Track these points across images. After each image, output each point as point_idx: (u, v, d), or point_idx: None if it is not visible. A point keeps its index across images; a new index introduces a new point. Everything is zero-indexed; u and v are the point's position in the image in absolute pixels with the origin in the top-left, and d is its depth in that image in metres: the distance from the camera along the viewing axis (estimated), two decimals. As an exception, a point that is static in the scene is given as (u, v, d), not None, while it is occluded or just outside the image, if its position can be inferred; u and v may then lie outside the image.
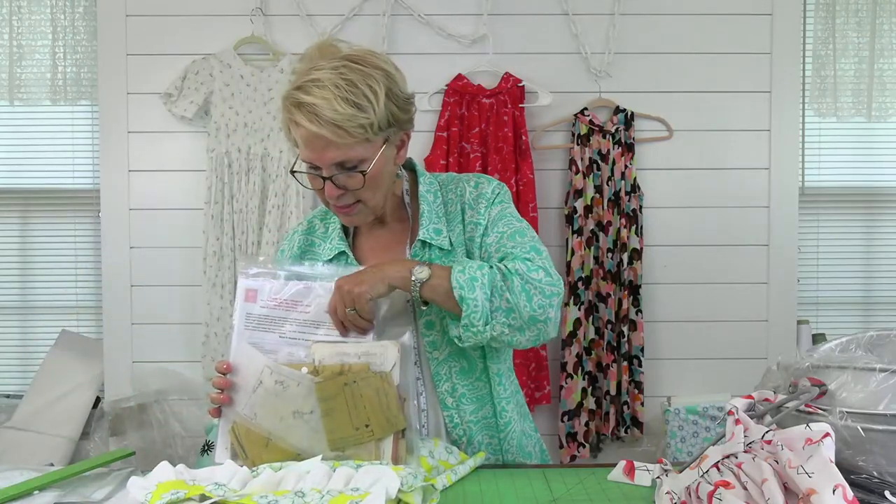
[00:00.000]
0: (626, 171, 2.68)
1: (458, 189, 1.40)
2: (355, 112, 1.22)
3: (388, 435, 1.14)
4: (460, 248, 1.35)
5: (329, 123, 1.21)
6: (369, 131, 1.24)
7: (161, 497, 1.01)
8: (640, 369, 2.67)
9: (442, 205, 1.39)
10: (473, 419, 1.35)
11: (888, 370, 0.96)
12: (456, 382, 1.34)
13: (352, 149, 1.24)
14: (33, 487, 1.15)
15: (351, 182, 1.28)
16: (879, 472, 0.94)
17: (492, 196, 1.37)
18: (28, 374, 2.90)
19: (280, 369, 1.17)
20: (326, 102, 1.21)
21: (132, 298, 2.72)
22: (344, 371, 1.15)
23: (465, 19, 2.71)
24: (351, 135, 1.22)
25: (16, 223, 2.99)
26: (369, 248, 1.42)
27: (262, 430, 1.17)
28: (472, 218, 1.36)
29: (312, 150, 1.25)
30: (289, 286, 1.23)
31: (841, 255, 3.01)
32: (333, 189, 1.28)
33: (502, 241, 1.33)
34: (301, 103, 1.23)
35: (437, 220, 1.36)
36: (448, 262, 1.32)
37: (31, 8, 2.86)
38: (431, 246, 1.35)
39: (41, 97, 2.88)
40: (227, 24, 2.68)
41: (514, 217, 1.37)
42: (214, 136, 2.63)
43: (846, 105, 2.89)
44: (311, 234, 1.47)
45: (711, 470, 0.94)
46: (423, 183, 1.41)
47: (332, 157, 1.24)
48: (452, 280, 1.20)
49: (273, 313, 1.21)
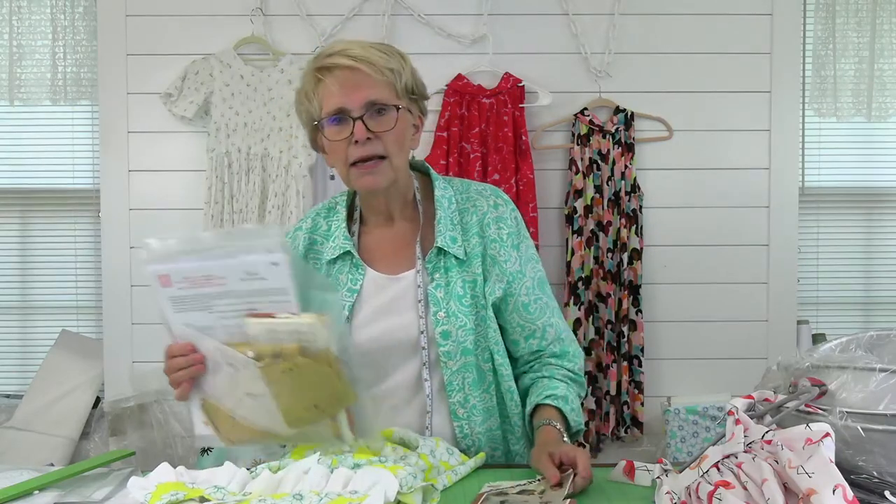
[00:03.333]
0: (626, 171, 2.68)
1: (476, 202, 1.39)
2: (386, 56, 1.29)
3: (340, 411, 1.10)
4: (476, 261, 1.34)
5: (362, 59, 1.26)
6: (398, 80, 1.29)
7: (160, 498, 1.01)
8: (640, 369, 2.67)
9: (457, 213, 1.37)
10: (482, 430, 1.34)
11: (888, 370, 0.96)
12: (468, 394, 1.32)
13: (382, 89, 1.28)
14: (33, 487, 1.15)
15: (382, 123, 1.28)
16: (879, 472, 0.94)
17: (514, 224, 1.39)
18: (28, 374, 2.90)
19: (226, 351, 1.12)
20: (359, 47, 1.28)
21: (132, 298, 2.72)
22: (281, 354, 1.09)
23: (465, 19, 2.71)
24: (382, 73, 1.27)
25: (16, 223, 2.99)
26: (376, 248, 1.39)
27: (226, 409, 1.15)
28: (493, 236, 1.36)
29: (344, 88, 1.26)
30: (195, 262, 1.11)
31: (841, 255, 3.01)
32: (364, 131, 1.26)
33: (533, 289, 1.38)
34: (330, 54, 1.28)
35: (452, 228, 1.35)
36: (463, 272, 1.33)
37: (31, 8, 2.86)
38: (447, 254, 1.34)
39: (41, 97, 2.88)
40: (227, 24, 2.68)
41: (535, 254, 1.42)
42: (214, 136, 2.62)
43: (846, 105, 2.89)
44: (314, 231, 1.43)
45: (711, 470, 0.94)
46: (438, 187, 1.39)
47: (365, 95, 1.26)
48: (572, 424, 1.33)
49: (193, 292, 1.12)
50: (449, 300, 1.31)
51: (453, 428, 1.33)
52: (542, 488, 1.09)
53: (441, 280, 1.32)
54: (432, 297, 1.31)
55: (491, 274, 1.34)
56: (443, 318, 1.30)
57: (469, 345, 1.31)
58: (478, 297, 1.33)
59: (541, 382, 1.36)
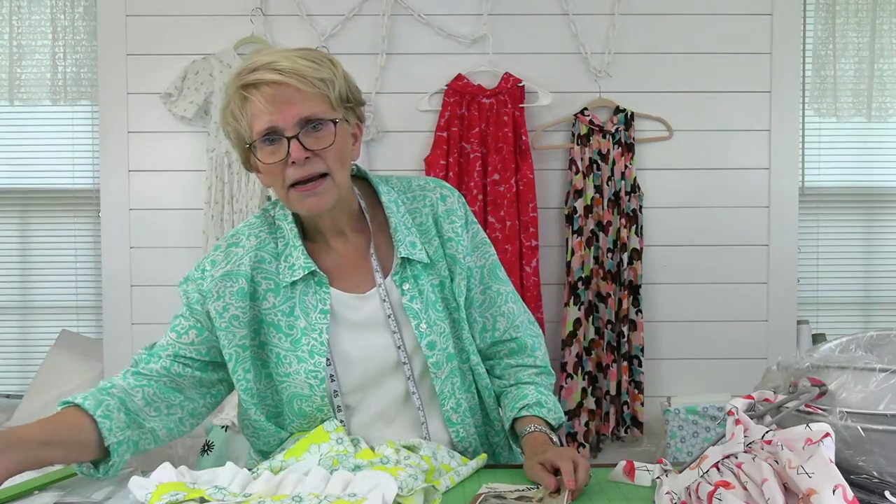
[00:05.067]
0: (626, 171, 2.68)
1: (424, 199, 1.33)
2: (316, 66, 1.19)
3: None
4: (440, 263, 1.30)
5: (291, 72, 1.17)
6: (331, 90, 1.20)
7: (160, 498, 1.01)
8: (640, 369, 2.67)
9: (408, 214, 1.31)
10: (474, 431, 1.34)
11: (888, 370, 0.96)
12: (459, 398, 1.30)
13: (316, 103, 1.19)
14: (33, 487, 1.15)
15: (319, 140, 1.19)
16: (879, 472, 0.94)
17: (463, 213, 1.34)
18: (28, 374, 2.90)
19: None
20: (285, 58, 1.18)
21: (132, 298, 2.72)
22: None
23: (465, 19, 2.71)
24: (314, 84, 1.18)
25: (16, 223, 2.99)
26: (332, 266, 1.29)
27: None
28: (449, 234, 1.31)
29: (274, 106, 1.16)
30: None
31: (841, 255, 3.01)
32: (300, 150, 1.17)
33: (484, 275, 1.35)
34: (255, 69, 1.18)
35: (408, 233, 1.29)
36: (431, 277, 1.29)
37: (31, 8, 2.86)
38: (412, 262, 1.28)
39: (41, 97, 2.88)
40: (227, 24, 2.68)
41: (484, 238, 1.38)
42: (214, 136, 2.62)
43: (846, 105, 2.89)
44: (261, 249, 1.28)
45: (711, 470, 0.94)
46: (383, 192, 1.32)
47: (297, 112, 1.17)
48: (553, 422, 1.30)
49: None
50: (427, 310, 1.27)
51: (450, 434, 1.31)
52: (540, 495, 1.09)
53: (413, 290, 1.27)
54: (409, 310, 1.26)
55: (455, 273, 1.30)
56: (425, 329, 1.26)
57: (451, 350, 1.29)
58: (448, 300, 1.30)
59: (509, 393, 1.34)
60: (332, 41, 2.67)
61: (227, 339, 1.25)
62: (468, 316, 1.33)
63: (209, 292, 1.26)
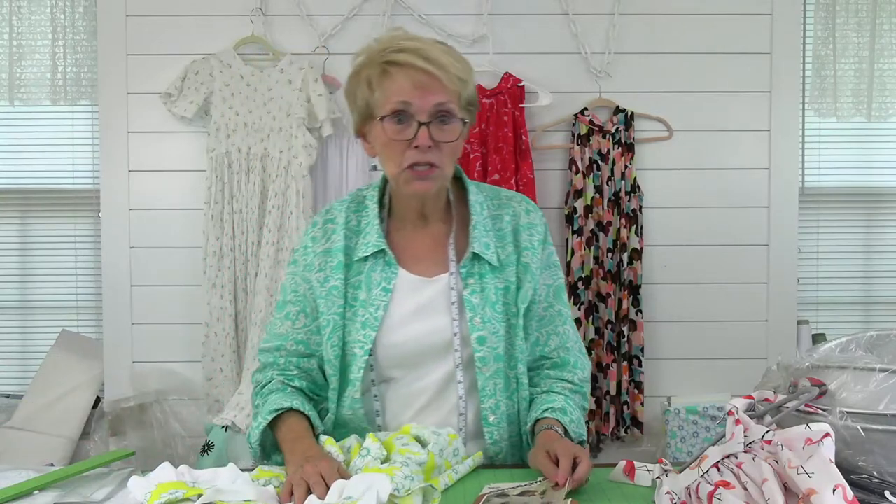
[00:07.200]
0: (626, 171, 2.68)
1: (509, 208, 1.39)
2: (458, 65, 1.27)
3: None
4: (510, 268, 1.34)
5: (437, 63, 1.24)
6: (464, 90, 1.28)
7: (160, 497, 1.01)
8: (640, 369, 2.67)
9: (489, 219, 1.37)
10: (507, 437, 1.34)
11: (888, 370, 0.96)
12: (500, 399, 1.32)
13: (452, 95, 1.26)
14: (33, 487, 1.15)
15: (445, 133, 1.26)
16: (879, 472, 0.94)
17: (542, 231, 1.39)
18: (28, 374, 2.90)
19: None
20: (436, 49, 1.26)
21: (132, 298, 2.72)
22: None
23: (465, 19, 2.71)
24: (453, 81, 1.25)
25: (16, 223, 2.99)
26: (408, 249, 1.37)
27: None
28: (526, 244, 1.36)
29: (416, 90, 1.24)
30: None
31: (841, 255, 3.01)
32: (427, 137, 1.24)
33: (549, 294, 1.39)
34: (402, 50, 1.24)
35: (485, 234, 1.34)
36: (496, 279, 1.33)
37: (31, 8, 2.86)
38: (482, 259, 1.33)
39: (41, 97, 2.88)
40: (227, 24, 2.68)
41: (556, 261, 1.42)
42: (214, 136, 2.62)
43: (846, 105, 2.89)
44: (347, 226, 1.37)
45: (711, 470, 0.94)
46: (472, 191, 1.38)
47: (435, 99, 1.24)
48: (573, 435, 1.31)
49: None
50: (484, 306, 1.31)
51: (483, 434, 1.32)
52: (542, 489, 1.09)
53: (476, 286, 1.32)
54: (468, 303, 1.31)
55: (524, 281, 1.34)
56: (479, 323, 1.30)
57: (500, 351, 1.32)
58: (509, 305, 1.33)
59: (539, 398, 1.36)
60: (332, 41, 2.67)
61: (325, 306, 1.34)
62: (525, 326, 1.35)
63: (311, 265, 1.36)
